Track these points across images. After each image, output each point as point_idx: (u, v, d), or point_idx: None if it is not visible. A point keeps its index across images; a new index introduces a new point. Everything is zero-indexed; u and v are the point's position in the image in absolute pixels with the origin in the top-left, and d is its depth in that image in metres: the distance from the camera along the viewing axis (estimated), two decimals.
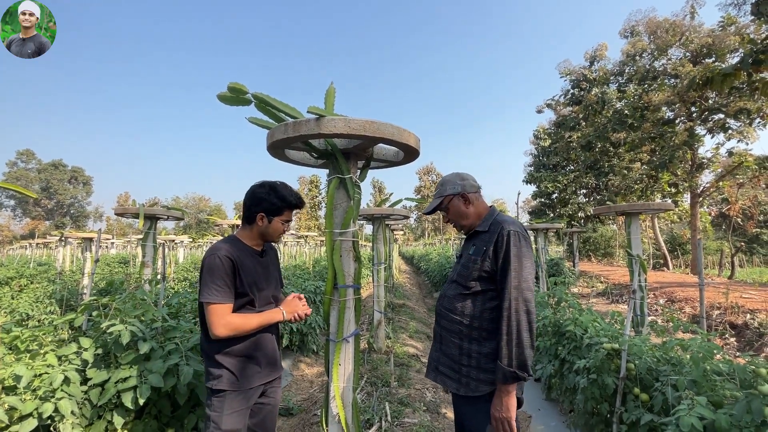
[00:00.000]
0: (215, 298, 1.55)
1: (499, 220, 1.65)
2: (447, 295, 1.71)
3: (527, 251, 1.54)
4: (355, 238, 2.06)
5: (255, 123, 1.99)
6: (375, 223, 5.21)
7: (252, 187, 1.77)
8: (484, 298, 1.59)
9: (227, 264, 1.59)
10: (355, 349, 2.05)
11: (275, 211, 1.71)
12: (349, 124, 1.70)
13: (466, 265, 1.64)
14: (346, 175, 2.00)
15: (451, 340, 1.64)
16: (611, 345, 2.55)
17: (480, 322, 1.58)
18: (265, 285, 1.76)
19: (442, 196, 1.76)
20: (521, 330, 1.45)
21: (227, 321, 1.56)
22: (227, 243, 1.69)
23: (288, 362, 4.89)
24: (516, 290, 1.48)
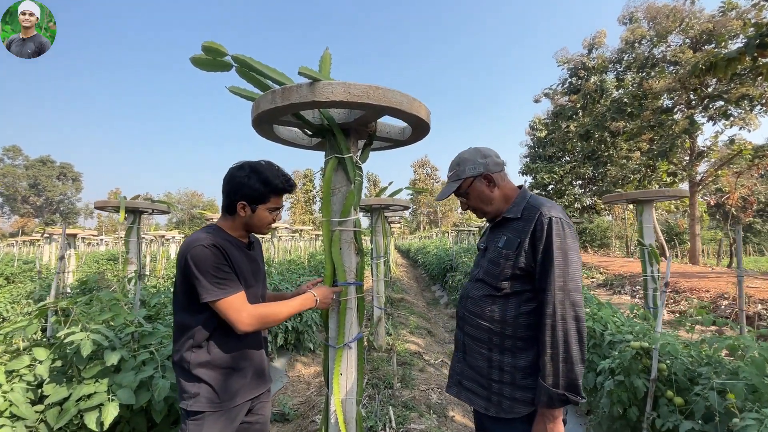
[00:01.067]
0: (223, 292, 1.29)
1: (535, 204, 1.36)
2: (471, 296, 1.43)
3: (573, 242, 1.26)
4: (357, 227, 1.78)
5: (237, 93, 1.69)
6: (374, 214, 4.93)
7: (230, 169, 1.47)
8: (518, 301, 1.31)
9: (216, 253, 1.32)
10: (358, 355, 1.78)
11: (259, 198, 1.43)
12: (350, 90, 1.42)
13: (495, 261, 1.35)
14: (345, 154, 1.71)
15: (478, 351, 1.37)
16: (639, 343, 2.32)
17: (514, 329, 1.30)
18: (254, 281, 1.49)
19: (459, 179, 1.45)
20: (570, 342, 1.17)
21: (250, 312, 1.31)
22: (209, 233, 1.40)
23: (283, 362, 4.64)
24: (561, 292, 1.20)
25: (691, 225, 15.62)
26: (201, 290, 1.28)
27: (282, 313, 1.38)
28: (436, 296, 10.77)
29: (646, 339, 2.39)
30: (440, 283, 11.18)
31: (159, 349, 1.89)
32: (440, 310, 8.84)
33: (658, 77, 14.71)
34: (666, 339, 2.21)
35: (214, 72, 1.58)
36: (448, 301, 8.76)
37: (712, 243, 27.41)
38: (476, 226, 14.09)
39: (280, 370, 4.42)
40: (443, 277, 10.40)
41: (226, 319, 1.29)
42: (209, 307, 1.31)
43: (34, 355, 1.67)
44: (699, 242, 15.59)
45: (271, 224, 1.51)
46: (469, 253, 10.18)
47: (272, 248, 9.89)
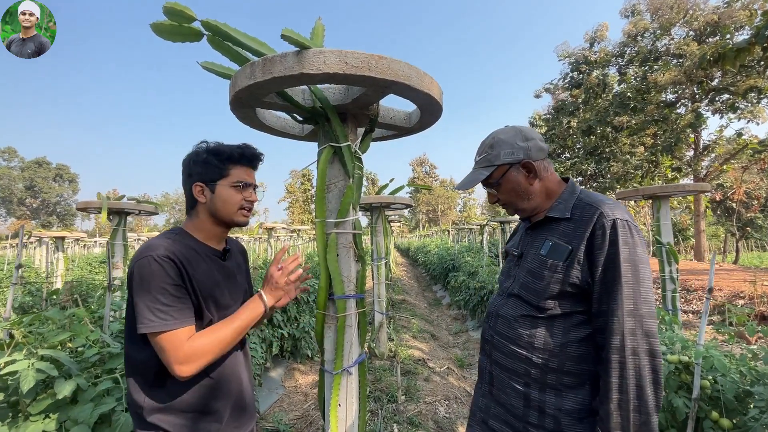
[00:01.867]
0: (163, 323, 0.99)
1: (590, 201, 1.06)
2: (503, 316, 1.14)
3: (643, 253, 0.97)
4: (357, 229, 1.50)
5: (211, 70, 1.41)
6: (374, 213, 4.66)
7: (184, 159, 1.19)
8: (567, 325, 1.03)
9: (170, 268, 1.02)
10: (360, 381, 1.51)
11: (214, 172, 1.14)
12: (347, 59, 1.14)
13: (537, 273, 1.07)
14: (342, 142, 1.44)
15: (512, 386, 1.09)
16: (678, 357, 2.05)
17: (561, 360, 1.02)
18: (229, 301, 1.18)
19: (492, 165, 1.14)
20: (643, 384, 0.90)
21: (189, 351, 1.00)
22: (168, 239, 1.10)
23: (279, 372, 4.36)
24: (632, 318, 0.92)
25: (696, 221, 15.38)
26: (137, 317, 0.99)
27: (227, 336, 1.06)
28: (437, 296, 10.50)
29: (685, 352, 2.12)
30: (442, 283, 10.91)
31: (124, 375, 1.61)
32: (442, 311, 8.58)
33: (662, 70, 14.44)
34: (711, 352, 1.94)
35: (182, 42, 1.30)
36: (451, 302, 8.49)
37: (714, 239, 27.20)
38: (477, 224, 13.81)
39: (276, 381, 4.15)
40: (445, 277, 10.13)
41: (162, 359, 1.00)
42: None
43: None
44: (704, 238, 15.35)
45: (244, 207, 1.18)
46: (471, 251, 9.92)
47: (270, 249, 9.60)
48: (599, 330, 0.98)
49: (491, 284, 6.35)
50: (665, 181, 17.33)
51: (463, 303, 7.24)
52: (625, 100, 15.57)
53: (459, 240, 16.81)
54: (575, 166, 21.61)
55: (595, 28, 18.15)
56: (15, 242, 15.96)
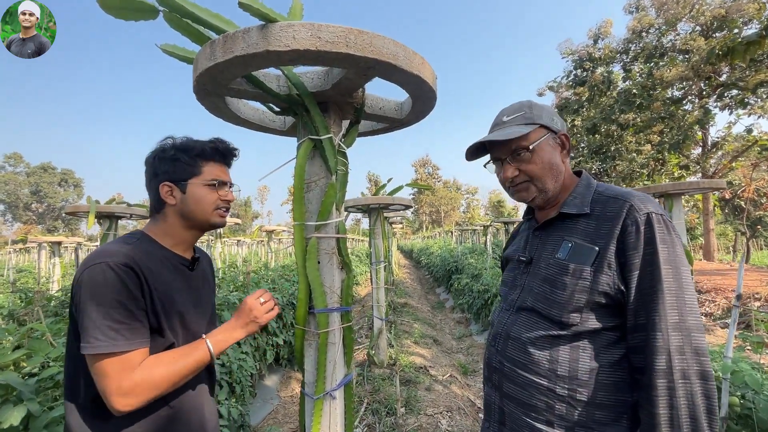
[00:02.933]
0: (110, 345, 0.82)
1: (613, 194, 0.90)
2: (515, 338, 0.94)
3: (682, 253, 0.80)
4: (341, 233, 1.33)
5: (172, 54, 1.24)
6: (372, 214, 4.49)
7: (147, 156, 1.04)
8: (597, 345, 0.84)
9: (129, 278, 0.86)
10: (346, 405, 1.33)
11: (185, 171, 1.00)
12: (320, 34, 0.97)
13: (557, 281, 0.89)
14: (322, 134, 1.27)
15: (530, 424, 0.88)
16: None
17: (591, 390, 0.83)
18: (195, 316, 1.01)
19: (533, 123, 0.94)
20: (697, 415, 0.73)
21: (138, 380, 0.84)
22: (128, 244, 0.94)
23: (275, 380, 4.19)
24: (678, 332, 0.76)
25: (705, 220, 15.06)
26: (82, 334, 0.83)
27: (177, 376, 0.90)
28: (440, 299, 10.30)
29: None
30: (445, 286, 10.71)
31: None
32: (446, 314, 8.38)
33: (668, 66, 14.17)
34: (741, 366, 1.75)
35: (135, 20, 1.14)
36: (454, 305, 8.30)
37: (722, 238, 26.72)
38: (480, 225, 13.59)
39: (271, 390, 3.98)
40: (448, 279, 9.94)
41: (99, 386, 0.83)
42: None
43: None
44: (713, 237, 15.03)
45: (220, 207, 1.04)
46: (475, 253, 9.72)
47: (270, 252, 9.46)
48: (637, 349, 0.80)
49: (495, 287, 6.16)
50: (672, 180, 17.01)
51: (466, 306, 7.05)
52: (630, 97, 15.30)
53: (462, 241, 16.59)
54: (579, 165, 21.33)
55: (599, 25, 17.90)
56: (18, 247, 15.95)
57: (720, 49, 7.99)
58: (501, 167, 1.00)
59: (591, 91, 17.41)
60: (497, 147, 0.99)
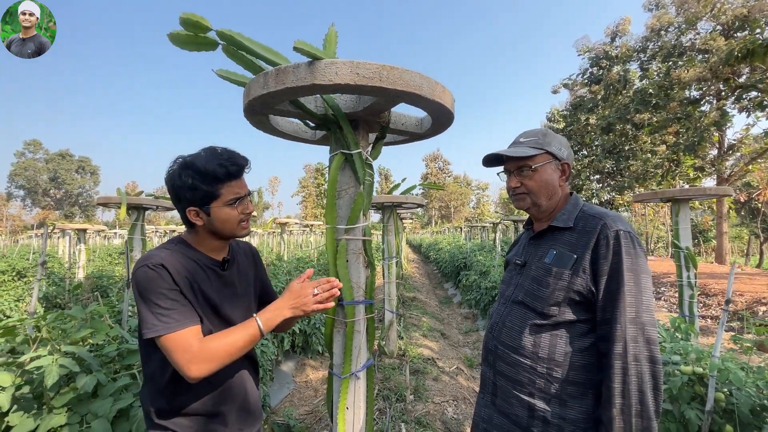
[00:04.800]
0: (165, 326, 1.00)
1: (593, 213, 1.10)
2: (507, 326, 1.17)
3: (644, 263, 1.01)
4: (367, 236, 1.52)
5: (226, 78, 1.44)
6: (385, 212, 4.68)
7: (165, 178, 1.17)
8: (571, 333, 1.06)
9: (163, 275, 1.04)
10: (368, 385, 1.53)
11: (206, 196, 1.10)
12: (359, 70, 1.15)
13: (542, 281, 1.10)
14: (353, 149, 1.45)
15: (516, 396, 1.11)
16: (692, 368, 2.01)
17: (565, 370, 1.04)
18: (227, 311, 1.17)
19: (541, 149, 1.16)
20: (644, 389, 0.94)
21: (198, 351, 1.00)
22: (166, 249, 1.12)
23: (291, 366, 4.44)
24: (634, 325, 0.96)
25: (718, 223, 14.90)
26: (141, 324, 1.02)
27: (235, 349, 1.04)
28: (448, 294, 10.48)
29: (700, 363, 2.08)
30: (453, 281, 10.89)
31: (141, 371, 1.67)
32: (453, 309, 8.56)
33: (687, 66, 13.95)
34: (727, 365, 1.90)
35: (197, 51, 1.33)
36: (462, 301, 8.48)
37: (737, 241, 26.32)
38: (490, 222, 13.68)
39: (287, 375, 4.23)
40: (456, 275, 10.11)
41: (171, 361, 1.01)
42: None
43: None
44: (726, 240, 14.87)
45: (243, 221, 1.17)
46: (483, 250, 9.85)
47: (283, 244, 9.73)
48: (603, 338, 1.01)
49: None
50: (687, 181, 16.80)
51: (474, 302, 7.22)
52: (646, 96, 15.13)
53: (471, 237, 16.70)
54: (593, 163, 21.16)
55: (617, 22, 17.63)
56: (40, 232, 16.55)
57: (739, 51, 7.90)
58: (509, 177, 1.24)
59: (606, 90, 17.23)
60: (510, 160, 1.23)
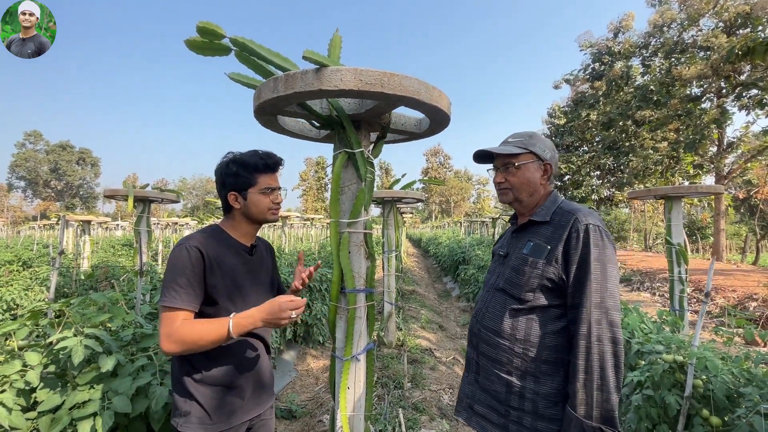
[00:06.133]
0: (169, 299, 1.16)
1: (568, 208, 1.22)
2: (489, 311, 1.29)
3: (612, 254, 1.12)
4: (368, 229, 1.63)
5: (238, 81, 1.54)
6: (386, 207, 4.78)
7: (215, 168, 1.38)
8: (545, 317, 1.18)
9: (195, 257, 1.20)
10: (367, 368, 1.65)
11: (245, 182, 1.31)
12: (362, 77, 1.25)
13: (519, 269, 1.22)
14: (356, 148, 1.56)
15: (495, 373, 1.23)
16: (673, 357, 2.13)
17: (539, 350, 1.16)
18: (249, 291, 1.34)
19: (526, 149, 1.27)
20: (605, 366, 1.05)
21: (174, 332, 1.13)
22: (204, 233, 1.30)
23: (292, 355, 4.59)
24: (598, 309, 1.07)
25: (716, 220, 15.00)
26: (161, 291, 1.18)
27: (202, 339, 1.13)
28: (447, 288, 10.63)
29: (680, 352, 2.20)
30: (452, 275, 11.03)
31: (158, 353, 1.80)
32: (451, 302, 8.71)
33: (688, 63, 13.96)
34: (704, 354, 2.02)
35: (211, 56, 1.43)
36: (460, 294, 8.62)
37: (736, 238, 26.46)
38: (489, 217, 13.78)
39: (289, 363, 4.37)
40: (455, 269, 10.24)
41: (158, 329, 1.18)
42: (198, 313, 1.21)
43: (25, 359, 1.59)
44: (723, 238, 14.99)
45: (272, 208, 1.36)
46: (482, 245, 9.97)
47: (284, 237, 9.85)
48: (572, 321, 1.12)
49: None
50: (686, 178, 16.88)
51: (471, 296, 7.36)
52: (648, 93, 15.15)
53: (471, 232, 16.81)
54: (593, 159, 21.24)
55: (621, 18, 17.58)
56: (43, 223, 16.71)
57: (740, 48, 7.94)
58: (496, 173, 1.36)
59: (608, 86, 17.24)
60: (497, 158, 1.35)
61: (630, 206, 27.00)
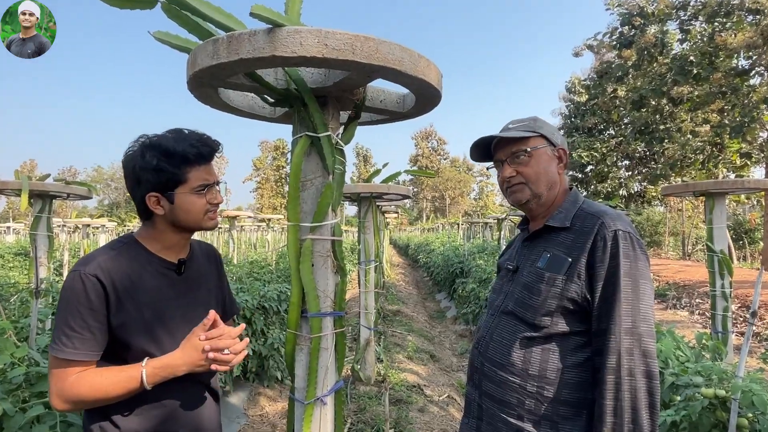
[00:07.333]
0: (60, 351, 1.12)
1: (592, 211, 1.24)
2: (495, 339, 1.30)
3: (645, 267, 1.15)
4: (337, 236, 1.62)
5: (166, 42, 1.50)
6: (362, 204, 4.78)
7: (123, 159, 1.28)
8: (565, 347, 1.20)
9: (93, 290, 1.13)
10: (336, 412, 1.65)
11: (171, 179, 1.21)
12: (327, 41, 1.24)
13: (534, 287, 1.23)
14: (320, 132, 1.54)
15: (503, 419, 1.24)
16: (714, 390, 2.22)
17: (558, 389, 1.18)
18: (182, 325, 1.26)
19: (534, 132, 1.31)
20: (638, 407, 1.07)
21: (66, 388, 1.11)
22: (111, 251, 1.22)
23: (241, 397, 4.53)
24: (630, 336, 1.10)
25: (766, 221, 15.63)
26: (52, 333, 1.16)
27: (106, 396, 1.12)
28: (441, 307, 10.74)
29: (722, 384, 2.29)
30: (447, 291, 11.14)
31: None
32: (446, 325, 8.80)
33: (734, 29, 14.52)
34: (750, 386, 2.11)
35: (131, 9, 1.39)
36: (457, 315, 8.72)
37: None
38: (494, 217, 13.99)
39: (237, 408, 4.32)
40: (451, 283, 10.35)
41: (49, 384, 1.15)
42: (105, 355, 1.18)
43: None
44: None
45: (209, 211, 1.29)
46: (485, 253, 10.11)
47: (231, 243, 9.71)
48: (598, 351, 1.14)
49: None
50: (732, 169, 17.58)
51: (471, 317, 7.45)
52: (686, 64, 15.69)
53: (471, 237, 17.03)
54: (621, 146, 21.87)
55: None
56: None
57: None
58: (501, 168, 1.36)
59: (639, 55, 17.75)
60: (499, 149, 1.36)
61: (665, 204, 27.91)
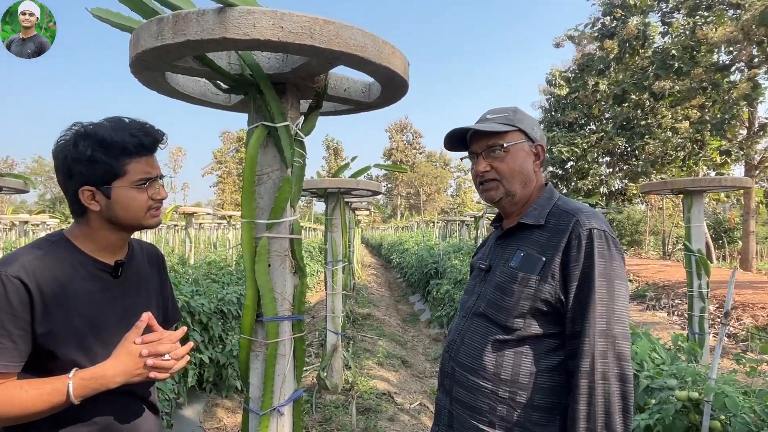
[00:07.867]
0: None
1: (567, 208, 1.28)
2: (466, 343, 1.32)
3: (620, 267, 1.19)
4: (295, 233, 1.61)
5: (106, 20, 1.46)
6: (330, 200, 4.76)
7: (53, 149, 1.21)
8: (538, 350, 1.22)
9: (16, 294, 1.07)
10: (294, 423, 1.64)
11: (107, 172, 1.16)
12: (283, 23, 1.23)
13: (506, 288, 1.26)
14: (278, 122, 1.53)
15: (474, 425, 1.26)
16: (687, 393, 2.31)
17: (530, 394, 1.20)
18: (116, 332, 1.19)
19: (513, 126, 1.32)
20: (611, 411, 1.11)
21: None
22: (38, 251, 1.16)
23: (197, 409, 4.45)
24: (604, 339, 1.13)
25: (745, 220, 16.44)
26: None
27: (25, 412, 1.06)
28: (415, 310, 10.82)
29: (696, 387, 2.39)
30: (421, 293, 11.23)
31: None
32: (420, 329, 8.88)
33: (715, 23, 15.10)
34: (723, 388, 2.21)
35: None
36: (431, 318, 8.80)
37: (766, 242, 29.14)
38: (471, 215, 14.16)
39: (192, 422, 4.24)
40: (425, 285, 10.44)
41: None
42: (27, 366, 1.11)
43: None
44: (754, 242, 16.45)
45: (153, 208, 1.24)
46: (461, 253, 10.23)
47: (189, 242, 9.51)
48: (572, 354, 1.17)
49: None
50: (712, 167, 18.34)
51: (446, 320, 7.54)
52: (668, 58, 16.24)
53: (448, 235, 17.20)
54: (602, 142, 22.43)
55: None
56: None
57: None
58: (476, 161, 1.37)
59: (621, 47, 18.26)
60: (475, 141, 1.38)
61: (646, 202, 28.87)
